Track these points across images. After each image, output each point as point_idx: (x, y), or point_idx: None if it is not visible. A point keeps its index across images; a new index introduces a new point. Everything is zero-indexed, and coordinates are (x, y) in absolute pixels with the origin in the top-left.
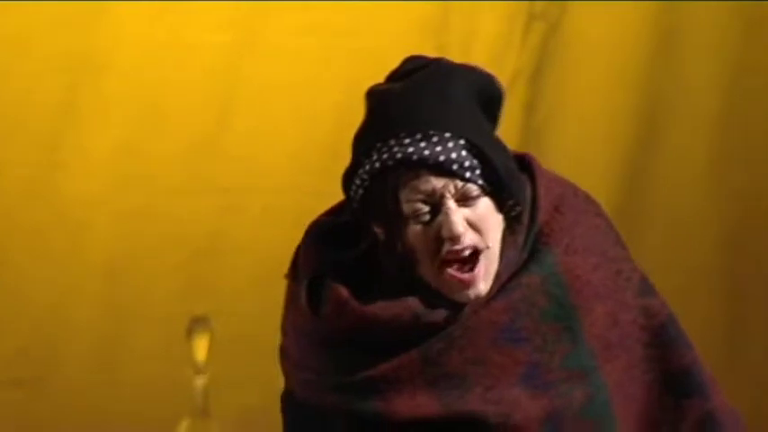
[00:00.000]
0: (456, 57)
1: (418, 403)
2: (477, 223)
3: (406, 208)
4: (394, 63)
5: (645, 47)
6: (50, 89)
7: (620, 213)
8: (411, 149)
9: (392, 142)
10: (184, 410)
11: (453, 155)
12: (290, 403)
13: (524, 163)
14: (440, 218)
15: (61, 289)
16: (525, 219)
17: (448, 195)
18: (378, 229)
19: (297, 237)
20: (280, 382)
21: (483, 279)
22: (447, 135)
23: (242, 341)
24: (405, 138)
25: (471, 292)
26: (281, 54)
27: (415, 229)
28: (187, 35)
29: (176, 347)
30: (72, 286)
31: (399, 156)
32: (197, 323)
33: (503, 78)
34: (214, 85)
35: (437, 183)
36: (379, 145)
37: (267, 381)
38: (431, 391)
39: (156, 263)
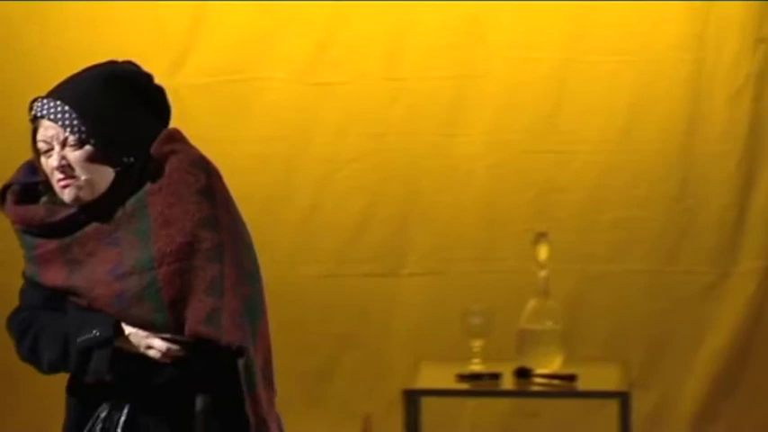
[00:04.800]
0: (709, 66)
1: (55, 276)
2: (73, 162)
3: (39, 146)
4: (661, 71)
5: None
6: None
7: None
8: (41, 108)
9: (38, 104)
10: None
11: (59, 114)
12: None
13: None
14: (51, 153)
15: None
16: (136, 169)
17: (56, 141)
18: (36, 162)
19: None
20: None
21: (75, 190)
22: (64, 104)
23: None
24: (42, 102)
25: (67, 196)
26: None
27: (45, 161)
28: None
29: None
30: None
31: (33, 112)
32: (542, 235)
33: (738, 80)
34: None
35: (50, 131)
36: (33, 106)
37: None
38: (64, 269)
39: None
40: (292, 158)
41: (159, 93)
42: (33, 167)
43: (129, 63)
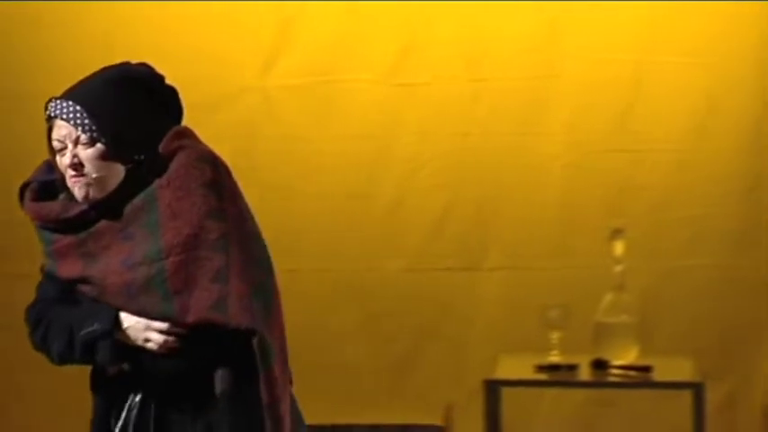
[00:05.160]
0: None
1: (71, 268)
2: (84, 160)
3: (54, 145)
4: (734, 71)
5: None
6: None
7: None
8: (55, 108)
9: (51, 104)
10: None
11: (71, 114)
12: (42, 268)
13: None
14: (65, 152)
15: None
16: (146, 166)
17: (69, 140)
18: (51, 159)
19: None
20: None
21: (85, 187)
22: (76, 104)
23: None
24: (56, 102)
25: (78, 193)
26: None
27: (59, 158)
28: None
29: None
30: None
31: (48, 112)
32: (618, 232)
33: None
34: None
35: (63, 131)
36: (48, 106)
37: None
38: (79, 261)
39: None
40: (377, 157)
41: (171, 93)
42: (51, 166)
43: (143, 65)
